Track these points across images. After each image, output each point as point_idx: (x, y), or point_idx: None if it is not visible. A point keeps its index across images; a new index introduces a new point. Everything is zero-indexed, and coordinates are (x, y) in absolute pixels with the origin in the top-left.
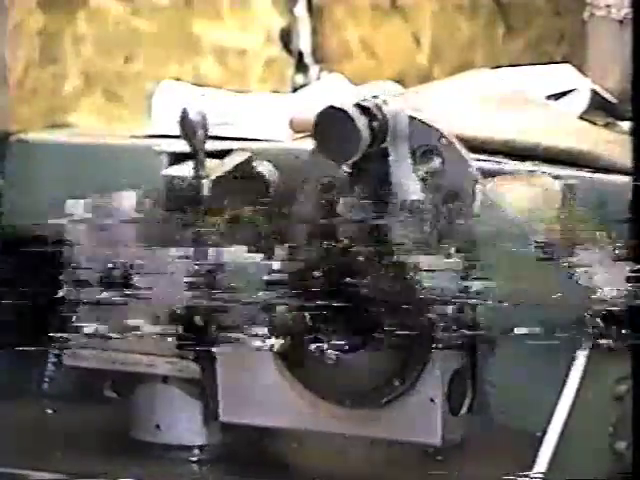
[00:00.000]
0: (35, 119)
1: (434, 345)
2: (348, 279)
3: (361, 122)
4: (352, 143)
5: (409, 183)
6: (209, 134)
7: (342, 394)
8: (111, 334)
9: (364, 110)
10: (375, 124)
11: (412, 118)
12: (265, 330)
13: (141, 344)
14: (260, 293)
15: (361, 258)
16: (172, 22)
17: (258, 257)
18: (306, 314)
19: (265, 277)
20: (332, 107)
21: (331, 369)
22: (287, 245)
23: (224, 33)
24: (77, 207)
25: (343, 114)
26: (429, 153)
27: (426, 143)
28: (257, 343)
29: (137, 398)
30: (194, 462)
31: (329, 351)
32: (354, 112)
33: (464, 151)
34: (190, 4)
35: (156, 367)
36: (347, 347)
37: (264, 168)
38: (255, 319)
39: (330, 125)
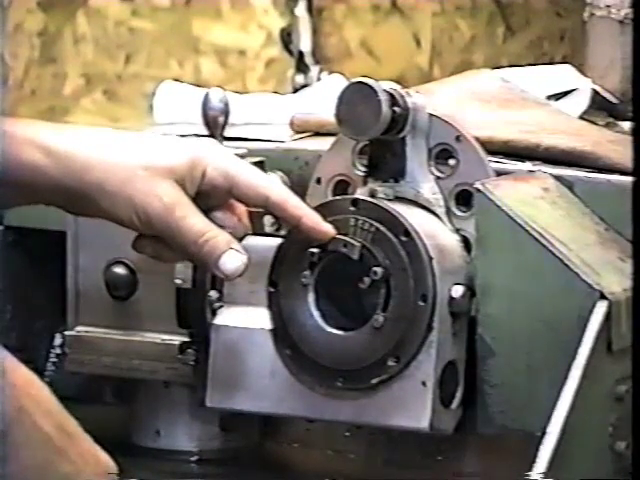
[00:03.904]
0: (35, 119)
1: (433, 327)
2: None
3: (384, 98)
4: (373, 117)
5: (423, 180)
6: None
7: (334, 374)
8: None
9: (388, 93)
10: (397, 109)
11: (431, 115)
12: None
13: (143, 349)
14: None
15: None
16: (172, 22)
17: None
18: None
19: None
20: (357, 82)
21: (326, 348)
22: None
23: (224, 33)
24: None
25: (367, 88)
26: (445, 153)
27: (444, 142)
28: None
29: (138, 403)
30: (193, 468)
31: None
32: (378, 88)
33: (482, 152)
34: (190, 4)
35: (157, 373)
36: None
37: (275, 174)
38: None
39: (353, 99)
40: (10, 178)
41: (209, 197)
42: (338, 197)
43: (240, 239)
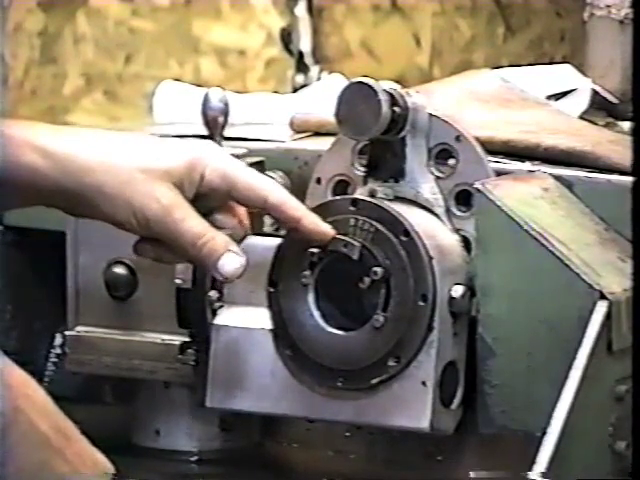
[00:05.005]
0: (35, 119)
1: (433, 327)
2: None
3: (384, 98)
4: (373, 117)
5: (423, 180)
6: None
7: (335, 374)
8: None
9: (388, 93)
10: (397, 109)
11: (431, 115)
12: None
13: (143, 349)
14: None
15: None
16: (172, 22)
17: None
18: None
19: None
20: (357, 82)
21: (326, 348)
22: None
23: (224, 33)
24: None
25: (367, 88)
26: (445, 153)
27: (443, 142)
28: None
29: (138, 403)
30: (193, 468)
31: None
32: (378, 88)
33: (482, 152)
34: (190, 4)
35: (157, 373)
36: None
37: (275, 174)
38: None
39: (353, 99)
40: (9, 180)
41: (208, 199)
42: (338, 197)
43: (240, 240)
